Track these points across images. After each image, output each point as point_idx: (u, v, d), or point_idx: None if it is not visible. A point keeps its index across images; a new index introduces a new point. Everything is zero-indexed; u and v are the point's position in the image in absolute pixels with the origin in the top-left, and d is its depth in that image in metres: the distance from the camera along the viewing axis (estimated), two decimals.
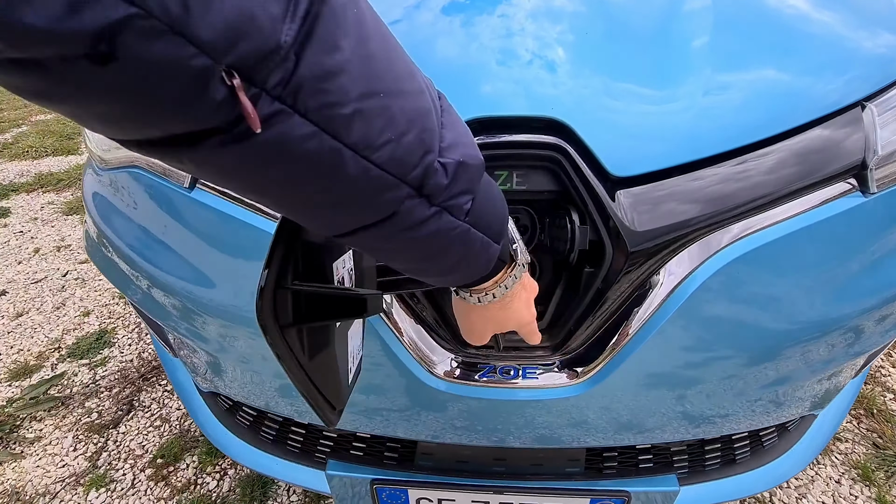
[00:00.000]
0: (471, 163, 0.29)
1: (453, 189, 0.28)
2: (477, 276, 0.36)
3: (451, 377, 0.58)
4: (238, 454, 0.87)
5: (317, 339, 0.34)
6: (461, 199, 0.29)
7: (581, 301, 0.54)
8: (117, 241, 0.72)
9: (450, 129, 0.28)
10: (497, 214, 0.34)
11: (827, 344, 0.60)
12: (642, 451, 0.72)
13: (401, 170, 0.25)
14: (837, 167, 0.55)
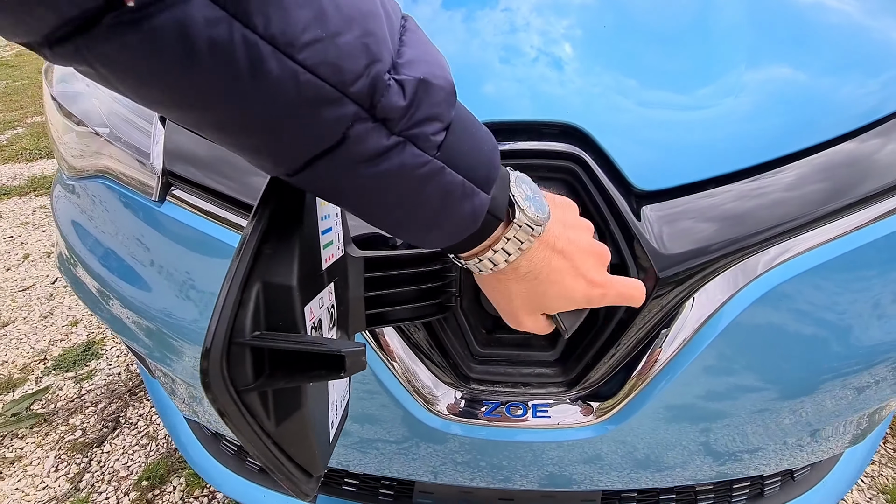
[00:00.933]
0: (436, 83, 0.25)
1: (415, 114, 0.24)
2: (463, 232, 0.31)
3: (451, 414, 0.51)
4: (222, 483, 0.81)
5: (285, 400, 0.27)
6: (428, 128, 0.25)
7: (602, 331, 0.48)
8: (84, 255, 0.66)
9: (412, 46, 0.25)
10: (483, 155, 0.29)
11: (888, 373, 0.53)
12: (664, 490, 0.66)
13: (339, 77, 0.21)
14: (890, 180, 0.48)
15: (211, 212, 0.53)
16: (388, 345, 0.51)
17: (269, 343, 0.25)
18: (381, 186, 0.26)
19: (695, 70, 0.51)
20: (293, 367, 0.26)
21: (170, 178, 0.53)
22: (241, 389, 0.25)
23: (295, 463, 0.29)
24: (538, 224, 0.33)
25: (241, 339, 0.24)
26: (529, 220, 0.32)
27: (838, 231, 0.48)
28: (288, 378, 0.26)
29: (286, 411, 0.28)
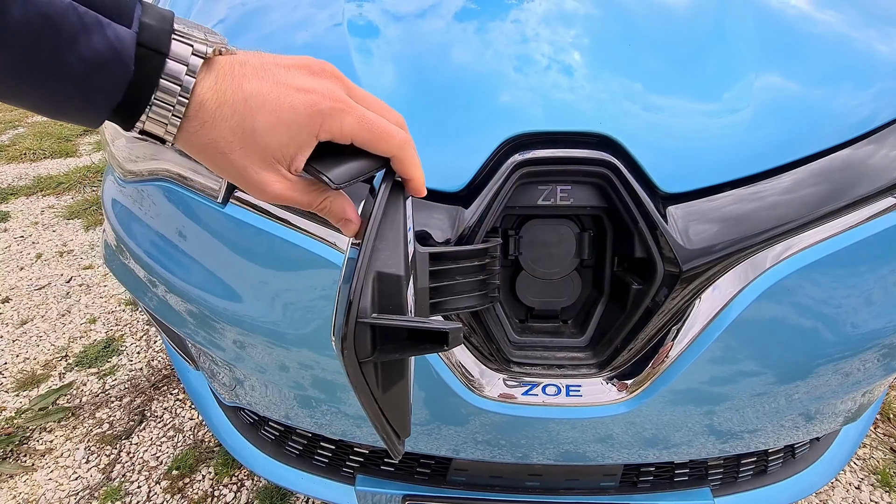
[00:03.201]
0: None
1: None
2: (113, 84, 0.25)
3: (496, 397, 0.57)
4: (260, 467, 0.86)
5: (391, 372, 0.33)
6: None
7: (629, 319, 0.54)
8: (140, 252, 0.70)
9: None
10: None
11: (876, 358, 0.59)
12: (679, 465, 0.72)
13: None
14: (887, 181, 0.54)
15: (270, 211, 0.58)
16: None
17: (386, 322, 0.30)
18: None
19: (710, 82, 0.57)
20: (402, 342, 0.31)
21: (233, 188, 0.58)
22: (361, 361, 0.30)
23: (391, 427, 0.35)
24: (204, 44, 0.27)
25: (364, 318, 0.30)
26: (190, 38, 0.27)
27: (836, 229, 0.54)
28: (400, 351, 0.31)
29: (391, 381, 0.33)
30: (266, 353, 0.64)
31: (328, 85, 0.29)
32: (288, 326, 0.59)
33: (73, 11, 0.22)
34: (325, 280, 0.56)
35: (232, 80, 0.27)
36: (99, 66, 0.24)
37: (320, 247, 0.55)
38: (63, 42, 0.23)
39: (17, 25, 0.21)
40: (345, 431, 0.69)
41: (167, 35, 0.26)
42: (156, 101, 0.26)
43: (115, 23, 0.24)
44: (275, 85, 0.28)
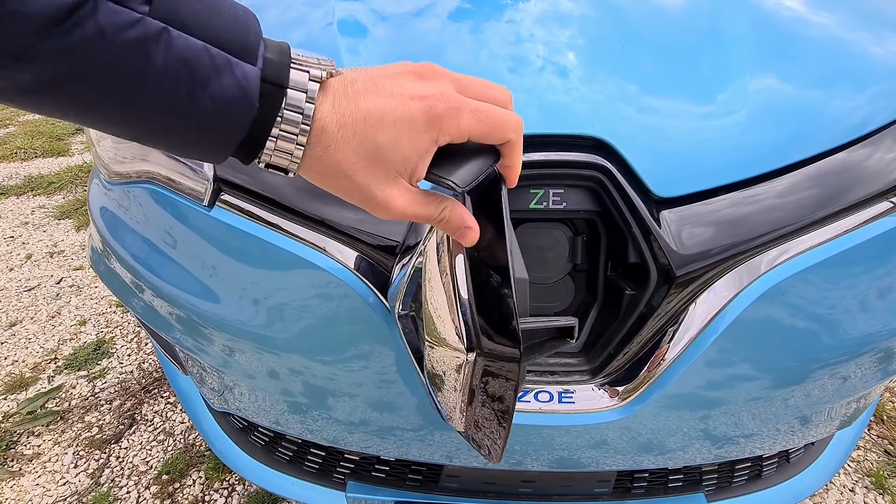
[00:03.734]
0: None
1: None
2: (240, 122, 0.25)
3: None
4: (250, 473, 0.85)
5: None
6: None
7: (623, 324, 0.53)
8: (126, 254, 0.69)
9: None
10: (227, 15, 0.24)
11: (873, 363, 0.59)
12: (673, 471, 0.71)
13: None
14: (882, 185, 0.54)
15: (258, 215, 0.56)
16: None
17: (531, 325, 0.30)
18: (88, 66, 0.21)
19: (705, 85, 0.56)
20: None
21: (220, 185, 0.57)
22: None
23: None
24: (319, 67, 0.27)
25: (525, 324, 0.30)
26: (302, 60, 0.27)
27: (831, 234, 0.54)
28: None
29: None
30: (254, 359, 0.63)
31: (439, 86, 0.29)
32: (276, 331, 0.57)
33: (207, 54, 0.23)
34: (313, 284, 0.55)
35: (348, 99, 0.27)
36: (227, 105, 0.24)
37: (308, 251, 0.54)
38: (198, 85, 0.23)
39: (159, 72, 0.22)
40: (336, 438, 0.68)
41: (286, 67, 0.26)
42: (280, 134, 0.26)
43: (243, 61, 0.24)
44: (389, 97, 0.28)
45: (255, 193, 0.56)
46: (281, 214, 0.56)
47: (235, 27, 0.25)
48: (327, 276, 0.54)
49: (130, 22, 0.21)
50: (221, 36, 0.24)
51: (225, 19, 0.24)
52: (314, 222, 0.55)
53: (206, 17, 0.23)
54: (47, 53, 0.20)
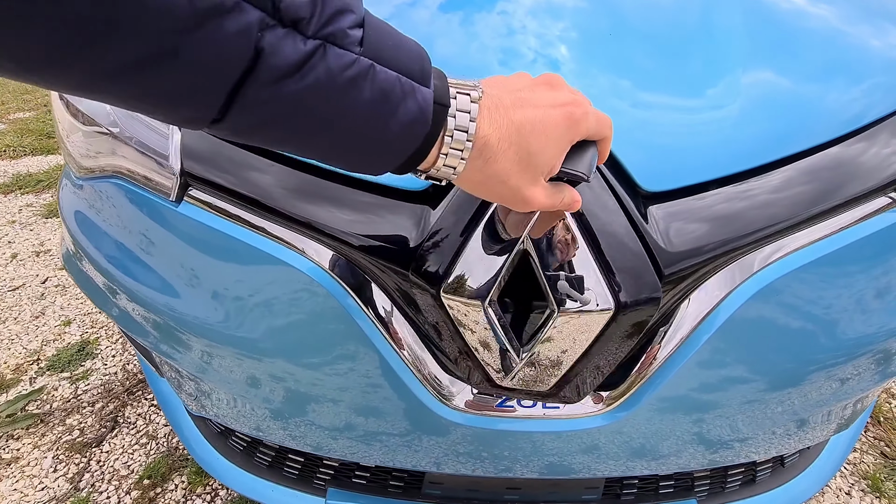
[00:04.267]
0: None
1: (325, 9, 0.23)
2: (418, 135, 0.29)
3: (465, 408, 0.54)
4: (230, 479, 0.82)
5: None
6: (343, 22, 0.24)
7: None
8: (97, 255, 0.66)
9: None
10: (412, 50, 0.28)
11: (871, 364, 0.57)
12: (664, 477, 0.69)
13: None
14: (879, 181, 0.51)
15: (228, 211, 0.54)
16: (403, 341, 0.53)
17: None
18: (317, 104, 0.24)
19: (695, 76, 0.54)
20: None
21: (188, 179, 0.54)
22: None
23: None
24: (472, 88, 0.30)
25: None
26: (459, 84, 0.30)
27: (827, 230, 0.51)
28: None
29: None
30: (223, 361, 0.60)
31: (568, 94, 0.33)
32: (241, 331, 0.55)
33: (398, 82, 0.27)
34: (284, 283, 0.52)
35: (501, 115, 0.31)
36: (410, 125, 0.28)
37: (281, 249, 0.52)
38: (390, 109, 0.27)
39: (365, 101, 0.26)
40: (319, 444, 0.66)
41: (447, 89, 0.30)
42: (450, 151, 0.30)
43: (422, 86, 0.28)
44: (535, 108, 0.32)
45: (224, 188, 0.53)
46: (252, 210, 0.53)
47: (416, 57, 0.28)
48: (298, 274, 0.51)
49: (349, 62, 0.25)
50: (407, 66, 0.27)
51: (407, 51, 0.28)
52: (287, 219, 0.52)
53: (397, 52, 0.27)
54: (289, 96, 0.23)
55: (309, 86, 0.24)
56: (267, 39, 0.22)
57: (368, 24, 0.26)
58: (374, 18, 0.28)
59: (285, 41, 0.22)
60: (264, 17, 0.22)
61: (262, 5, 0.21)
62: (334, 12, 0.24)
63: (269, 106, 0.24)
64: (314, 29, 0.23)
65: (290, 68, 0.23)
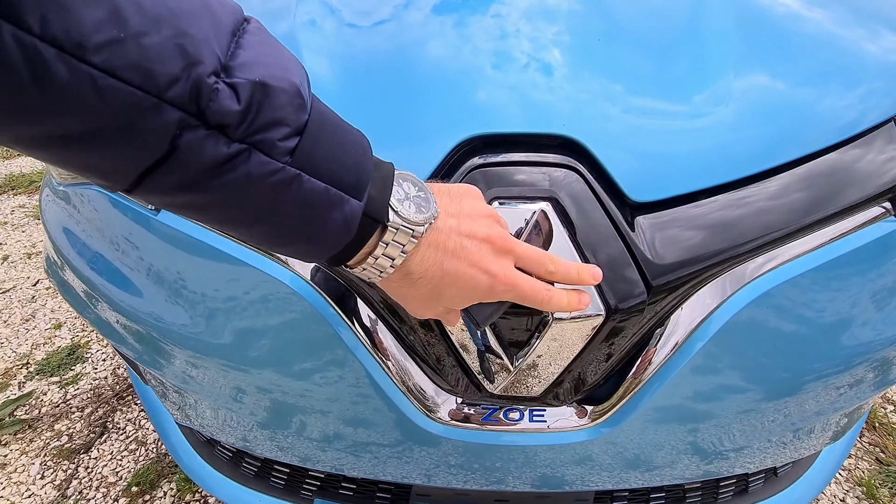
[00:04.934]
0: (277, 85, 0.24)
1: (257, 119, 0.23)
2: (337, 243, 0.29)
3: (450, 420, 0.52)
4: (216, 488, 0.81)
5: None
6: (274, 133, 0.24)
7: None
8: (77, 262, 0.65)
9: (249, 48, 0.24)
10: (349, 159, 0.28)
11: (867, 373, 0.56)
12: (654, 489, 0.67)
13: (149, 82, 0.20)
14: (872, 190, 0.50)
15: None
16: (388, 350, 0.52)
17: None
18: (233, 198, 0.25)
19: (685, 83, 0.53)
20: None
21: None
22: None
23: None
24: (418, 224, 0.31)
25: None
26: (407, 221, 0.30)
27: (822, 239, 0.50)
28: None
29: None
30: (203, 371, 0.59)
31: (505, 266, 0.35)
32: (215, 338, 0.54)
33: (326, 194, 0.27)
34: (262, 293, 0.51)
35: (435, 255, 0.33)
36: (331, 233, 0.29)
37: (259, 259, 0.50)
38: (313, 217, 0.27)
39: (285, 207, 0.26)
40: (303, 456, 0.64)
41: (385, 205, 0.30)
42: (375, 264, 0.32)
43: (352, 198, 0.28)
44: (468, 266, 0.33)
45: None
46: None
47: (353, 168, 0.28)
48: (280, 285, 0.50)
49: (273, 170, 0.25)
50: (341, 178, 0.28)
51: (345, 162, 0.28)
52: None
53: (333, 162, 0.27)
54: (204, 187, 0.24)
55: (226, 183, 0.24)
56: (185, 138, 0.22)
57: (308, 132, 0.26)
58: (322, 121, 0.27)
59: (207, 141, 0.22)
60: (186, 117, 0.21)
61: (186, 107, 0.21)
62: (267, 123, 0.24)
63: (181, 192, 0.24)
64: (241, 134, 0.23)
65: (207, 165, 0.23)
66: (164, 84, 0.20)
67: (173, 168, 0.23)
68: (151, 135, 0.21)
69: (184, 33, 0.21)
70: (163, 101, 0.21)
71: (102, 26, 0.19)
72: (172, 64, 0.20)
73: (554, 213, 0.45)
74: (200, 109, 0.22)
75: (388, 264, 0.31)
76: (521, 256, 0.36)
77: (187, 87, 0.21)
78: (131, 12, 0.19)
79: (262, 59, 0.24)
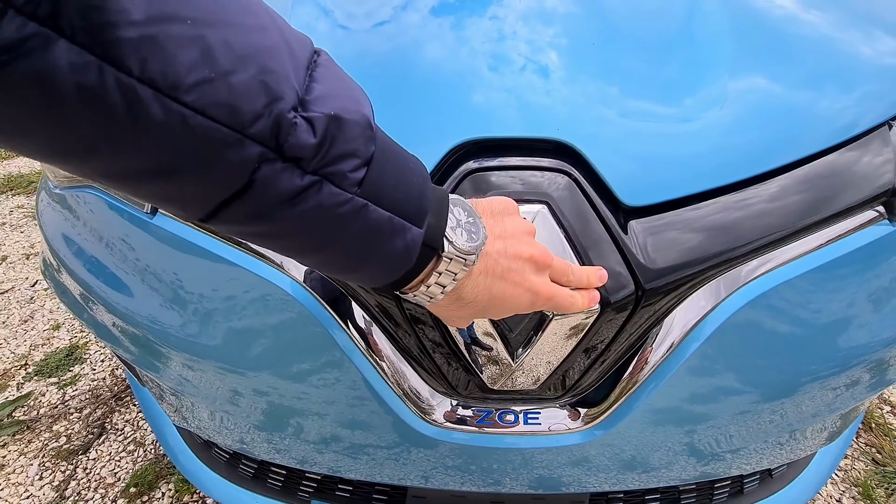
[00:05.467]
0: (350, 118, 0.24)
1: (329, 151, 0.24)
2: (398, 269, 0.30)
3: (446, 423, 0.53)
4: (214, 490, 0.81)
5: None
6: (345, 165, 0.25)
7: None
8: (73, 264, 0.65)
9: (323, 81, 0.24)
10: (412, 188, 0.29)
11: (862, 375, 0.56)
12: (649, 490, 0.68)
13: (235, 119, 0.21)
14: (867, 193, 0.50)
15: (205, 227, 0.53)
16: (382, 354, 0.52)
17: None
18: (302, 227, 0.26)
19: (680, 86, 0.53)
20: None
21: None
22: None
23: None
24: (470, 253, 0.32)
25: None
26: (460, 251, 0.31)
27: (816, 243, 0.50)
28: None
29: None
30: (208, 376, 0.59)
31: (545, 282, 0.37)
32: (218, 345, 0.54)
33: (390, 222, 0.28)
34: (258, 297, 0.51)
35: (485, 280, 0.34)
36: (394, 260, 0.29)
37: (253, 262, 0.51)
38: (376, 245, 0.28)
39: (352, 234, 0.27)
40: (299, 458, 0.65)
41: (441, 233, 0.31)
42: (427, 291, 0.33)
43: (414, 226, 0.29)
44: (514, 286, 0.35)
45: None
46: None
47: (415, 197, 0.29)
48: (275, 288, 0.50)
49: (343, 201, 0.25)
50: (403, 206, 0.28)
51: (409, 191, 0.29)
52: None
53: (397, 191, 0.28)
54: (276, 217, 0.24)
55: (297, 214, 0.24)
56: (263, 171, 0.22)
57: (375, 163, 0.26)
58: (386, 151, 0.27)
59: (282, 174, 0.23)
60: (265, 152, 0.22)
61: (266, 142, 0.22)
62: (339, 155, 0.24)
63: (255, 222, 0.25)
64: (314, 166, 0.24)
65: (281, 197, 0.24)
66: (248, 120, 0.21)
67: (249, 200, 0.23)
68: (232, 168, 0.22)
69: (267, 70, 0.21)
70: (245, 137, 0.21)
71: (195, 66, 0.19)
72: (257, 101, 0.21)
73: (550, 216, 0.45)
74: (279, 144, 0.22)
75: (439, 291, 0.33)
76: (554, 269, 0.38)
77: (269, 122, 0.21)
78: (222, 52, 0.20)
79: (336, 92, 0.24)
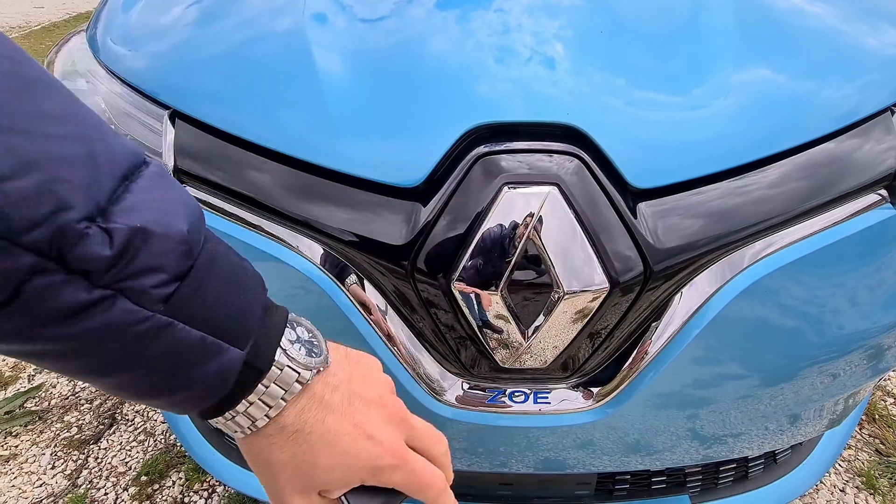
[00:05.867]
0: (160, 231, 0.22)
1: (130, 266, 0.22)
2: (211, 396, 0.26)
3: (457, 403, 0.54)
4: (227, 475, 0.83)
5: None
6: (147, 280, 0.22)
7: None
8: None
9: (140, 193, 0.23)
10: (236, 305, 0.26)
11: (862, 360, 0.57)
12: (656, 473, 0.69)
13: (2, 226, 0.19)
14: (869, 177, 0.51)
15: (222, 208, 0.54)
16: (396, 338, 0.53)
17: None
18: (87, 347, 0.23)
19: (686, 72, 0.54)
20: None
21: (181, 177, 0.55)
22: None
23: None
24: (307, 369, 0.28)
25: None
26: (295, 363, 0.27)
27: (818, 226, 0.52)
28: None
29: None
30: None
31: (394, 436, 0.30)
32: None
33: (202, 342, 0.25)
34: (277, 279, 0.52)
35: (318, 410, 0.28)
36: (206, 385, 0.26)
37: (271, 245, 0.52)
38: (183, 368, 0.25)
39: (152, 357, 0.24)
40: None
41: (272, 352, 0.27)
42: (245, 412, 0.27)
43: (232, 346, 0.26)
44: (352, 427, 0.29)
45: (218, 185, 0.53)
46: (245, 207, 0.53)
47: (239, 314, 0.26)
48: (292, 271, 0.51)
49: (140, 319, 0.23)
50: (222, 325, 0.25)
51: (233, 308, 0.26)
52: (280, 216, 0.52)
53: (214, 309, 0.25)
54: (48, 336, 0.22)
55: (81, 331, 0.22)
56: (35, 283, 0.20)
57: (192, 278, 0.24)
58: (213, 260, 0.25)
59: (63, 287, 0.21)
60: (40, 261, 0.20)
61: (42, 252, 0.20)
62: (140, 270, 0.22)
63: (24, 340, 0.22)
64: (107, 280, 0.21)
65: (60, 312, 0.21)
66: (19, 228, 0.19)
67: (15, 314, 0.21)
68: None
69: (60, 179, 0.20)
70: (14, 245, 0.19)
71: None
72: (37, 209, 0.20)
73: (560, 198, 0.46)
74: (62, 254, 0.20)
75: (261, 414, 0.27)
76: (416, 430, 0.32)
77: (48, 231, 0.20)
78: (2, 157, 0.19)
79: (151, 205, 0.23)
